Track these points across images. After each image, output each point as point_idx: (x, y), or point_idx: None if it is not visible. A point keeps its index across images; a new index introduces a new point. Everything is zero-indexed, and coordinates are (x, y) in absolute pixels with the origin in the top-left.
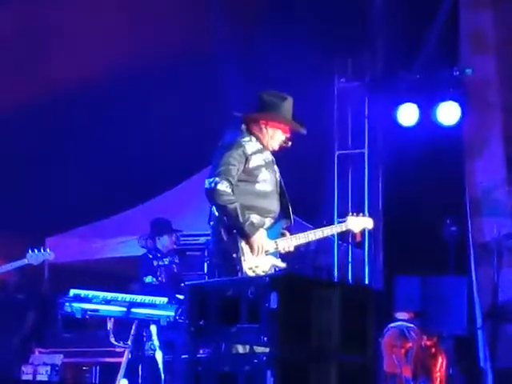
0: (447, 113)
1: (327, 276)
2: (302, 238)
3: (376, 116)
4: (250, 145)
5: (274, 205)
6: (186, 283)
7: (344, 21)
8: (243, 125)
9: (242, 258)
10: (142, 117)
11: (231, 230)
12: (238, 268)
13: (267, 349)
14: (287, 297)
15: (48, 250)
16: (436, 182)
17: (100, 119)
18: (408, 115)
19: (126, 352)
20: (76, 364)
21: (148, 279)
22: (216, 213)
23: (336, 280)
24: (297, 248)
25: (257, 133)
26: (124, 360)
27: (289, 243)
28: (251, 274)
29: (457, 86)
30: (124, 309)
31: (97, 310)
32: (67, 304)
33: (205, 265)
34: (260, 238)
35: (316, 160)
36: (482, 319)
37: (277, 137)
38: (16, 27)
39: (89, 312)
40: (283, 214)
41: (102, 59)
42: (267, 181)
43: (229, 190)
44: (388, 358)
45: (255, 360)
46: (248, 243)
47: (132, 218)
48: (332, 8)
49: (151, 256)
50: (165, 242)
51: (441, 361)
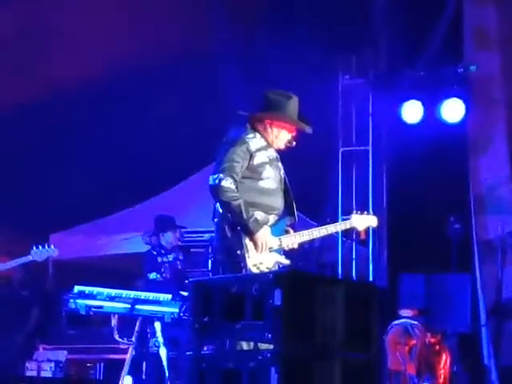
0: (451, 110)
1: (331, 273)
2: (306, 236)
3: (380, 113)
4: (254, 141)
5: (278, 202)
6: (190, 280)
7: (347, 18)
8: (248, 124)
9: (246, 255)
10: (143, 116)
11: (235, 227)
12: (242, 265)
13: (271, 345)
14: (291, 294)
15: (52, 247)
16: (440, 180)
17: (100, 119)
18: (412, 112)
19: (130, 349)
20: (80, 360)
21: (152, 276)
22: (220, 209)
23: (340, 277)
24: (301, 245)
25: (262, 131)
26: (128, 357)
27: (293, 240)
28: (255, 271)
29: (461, 83)
30: (128, 305)
31: (101, 307)
32: (71, 300)
33: (209, 262)
34: (264, 235)
35: (320, 157)
36: (486, 316)
37: (282, 136)
38: (16, 27)
39: (93, 308)
40: (287, 211)
41: (102, 59)
42: (271, 178)
43: (233, 187)
44: (392, 356)
45: (259, 357)
46: (252, 240)
47: (136, 215)
48: (335, 5)
49: (155, 253)
50: (169, 239)
51: (445, 358)
